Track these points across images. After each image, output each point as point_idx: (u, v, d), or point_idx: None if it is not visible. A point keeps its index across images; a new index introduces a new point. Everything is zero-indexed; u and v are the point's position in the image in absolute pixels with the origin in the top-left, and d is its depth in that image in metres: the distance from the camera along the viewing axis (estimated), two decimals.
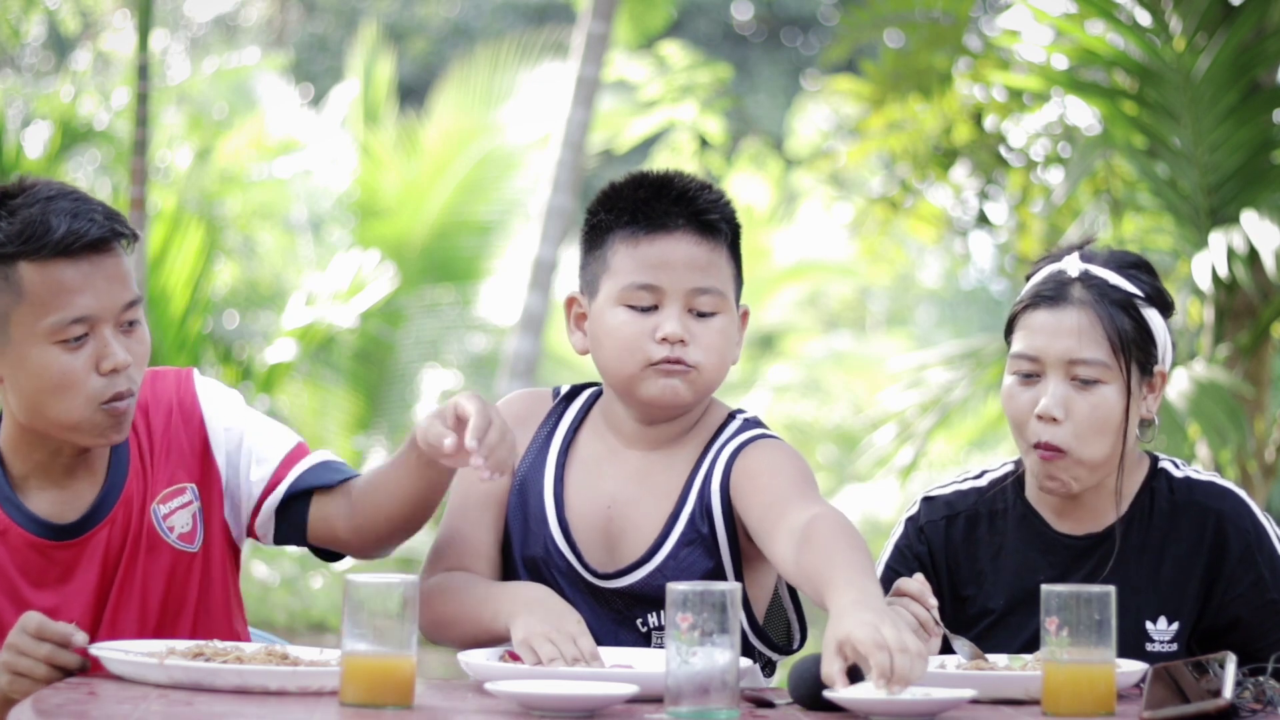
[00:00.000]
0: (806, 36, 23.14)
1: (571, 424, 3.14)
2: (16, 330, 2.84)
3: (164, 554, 2.97)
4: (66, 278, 2.83)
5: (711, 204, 3.04)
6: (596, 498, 3.07)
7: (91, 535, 2.94)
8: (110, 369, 2.85)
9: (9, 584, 2.91)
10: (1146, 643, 3.02)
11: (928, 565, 3.13)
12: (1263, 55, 6.31)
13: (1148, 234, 7.23)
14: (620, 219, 3.03)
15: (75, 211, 2.84)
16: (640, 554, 3.03)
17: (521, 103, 13.52)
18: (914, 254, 16.12)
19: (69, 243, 2.82)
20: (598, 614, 3.03)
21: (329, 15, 22.43)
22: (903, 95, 7.53)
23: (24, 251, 2.82)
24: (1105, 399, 3.00)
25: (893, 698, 2.47)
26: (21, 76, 15.80)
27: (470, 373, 13.48)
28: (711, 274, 3.02)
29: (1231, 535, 3.03)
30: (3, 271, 2.84)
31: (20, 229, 2.83)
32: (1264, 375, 6.52)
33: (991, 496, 3.15)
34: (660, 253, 3.00)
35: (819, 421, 16.17)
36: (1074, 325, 3.00)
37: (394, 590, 2.50)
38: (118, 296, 2.86)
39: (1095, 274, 3.03)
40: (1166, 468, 3.12)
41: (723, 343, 3.04)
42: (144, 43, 7.25)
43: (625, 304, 3.01)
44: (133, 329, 2.91)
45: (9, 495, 2.92)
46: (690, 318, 3.01)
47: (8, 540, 2.91)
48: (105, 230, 2.85)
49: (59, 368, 2.84)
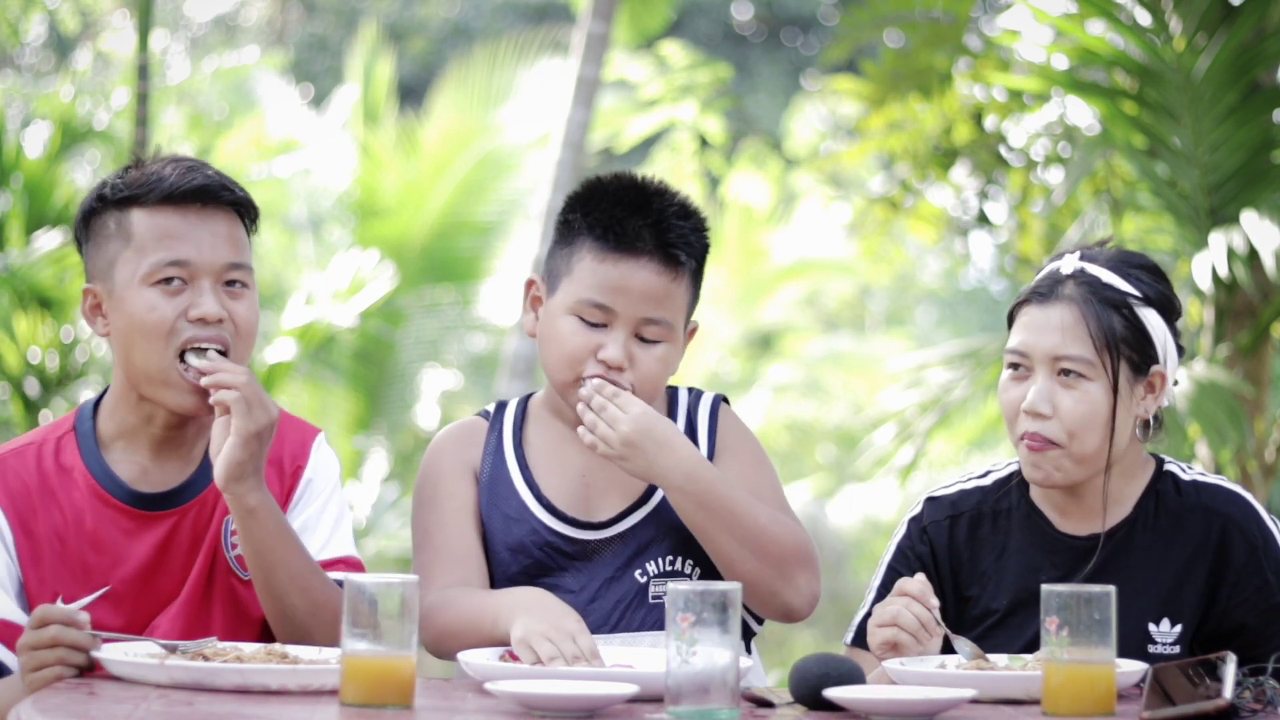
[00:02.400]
0: (806, 36, 23.12)
1: (514, 424, 3.21)
2: (120, 273, 2.95)
3: (220, 567, 3.01)
4: (171, 224, 2.95)
5: (681, 236, 3.08)
6: (567, 472, 3.14)
7: (163, 515, 2.99)
8: (198, 317, 2.92)
9: (72, 529, 2.95)
10: (1148, 644, 3.02)
11: (930, 565, 3.14)
12: (1263, 55, 6.31)
13: (1148, 234, 7.22)
14: (593, 228, 3.09)
15: (191, 166, 2.99)
16: (631, 502, 3.09)
17: (521, 102, 13.50)
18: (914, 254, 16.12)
19: (177, 190, 2.95)
20: (592, 576, 3.07)
21: (329, 15, 22.42)
22: (903, 95, 7.52)
23: (136, 196, 2.96)
24: (1089, 395, 3.00)
25: (893, 698, 2.47)
26: (21, 76, 15.80)
27: (470, 373, 13.47)
28: (666, 305, 3.08)
29: (1237, 540, 3.03)
30: (116, 218, 2.97)
31: (136, 177, 2.98)
32: (1264, 375, 6.52)
33: (996, 497, 3.15)
34: (621, 276, 3.06)
35: (819, 421, 16.16)
36: (1060, 322, 3.02)
37: (394, 590, 2.50)
38: (220, 253, 2.96)
39: (1089, 272, 3.05)
40: (1173, 470, 3.11)
41: (660, 369, 3.10)
42: (144, 43, 7.25)
43: (577, 314, 3.07)
44: (237, 291, 2.98)
45: (92, 448, 2.99)
46: (635, 342, 3.07)
47: (77, 487, 2.96)
48: (214, 183, 2.97)
49: (149, 307, 2.92)
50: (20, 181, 9.89)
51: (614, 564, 3.09)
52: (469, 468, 3.17)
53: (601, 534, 3.10)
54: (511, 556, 3.10)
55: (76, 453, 2.99)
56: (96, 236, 3.00)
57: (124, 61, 12.53)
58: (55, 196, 10.00)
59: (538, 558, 3.09)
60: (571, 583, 3.09)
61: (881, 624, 2.87)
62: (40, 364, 9.30)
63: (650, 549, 3.09)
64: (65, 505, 2.96)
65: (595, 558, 3.10)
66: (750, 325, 16.23)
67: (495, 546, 3.11)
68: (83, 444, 3.00)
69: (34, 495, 2.96)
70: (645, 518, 3.10)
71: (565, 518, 3.10)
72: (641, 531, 3.10)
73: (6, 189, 9.87)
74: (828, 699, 2.54)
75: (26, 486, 2.96)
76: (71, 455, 2.99)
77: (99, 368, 9.33)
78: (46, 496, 2.96)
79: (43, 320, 9.33)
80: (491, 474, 3.16)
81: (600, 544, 3.10)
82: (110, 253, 2.97)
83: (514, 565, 3.10)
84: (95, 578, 2.94)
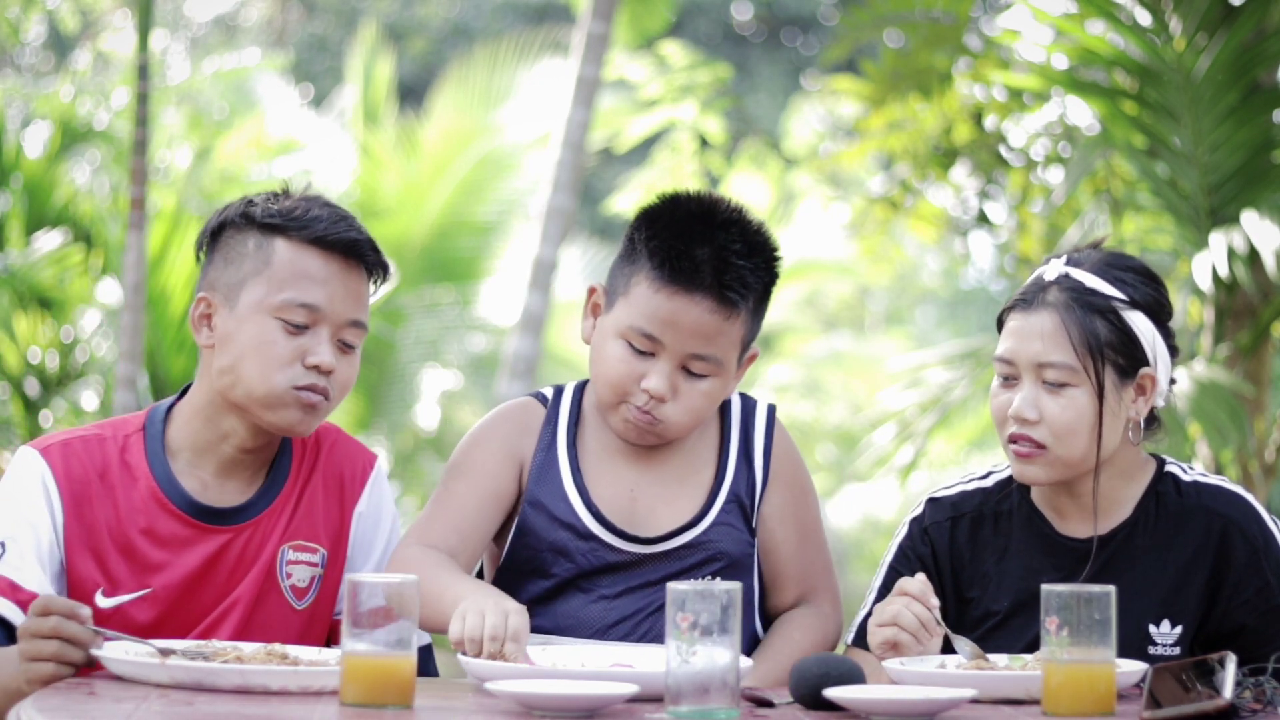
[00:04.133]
0: (806, 36, 23.12)
1: (569, 422, 3.17)
2: (247, 295, 2.97)
3: (271, 592, 3.02)
4: (313, 266, 2.98)
5: (739, 277, 3.04)
6: (617, 483, 3.12)
7: (216, 530, 3.00)
8: (314, 365, 2.96)
9: (125, 527, 2.97)
10: (1149, 645, 3.02)
11: (930, 566, 3.14)
12: (1263, 55, 6.31)
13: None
14: (653, 255, 3.03)
15: (341, 217, 3.03)
16: (681, 523, 3.10)
17: (521, 103, 13.50)
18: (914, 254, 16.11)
19: (328, 236, 2.99)
20: (629, 585, 3.07)
21: (329, 15, 22.42)
22: (903, 95, 7.53)
23: (286, 227, 2.99)
24: (1074, 401, 3.01)
25: (893, 698, 2.47)
26: (21, 76, 15.79)
27: (470, 373, 13.47)
28: (716, 343, 3.05)
29: (1238, 541, 3.03)
30: (259, 240, 2.99)
31: (291, 208, 3.01)
32: (1264, 375, 6.52)
33: (998, 498, 3.16)
34: (673, 311, 3.02)
35: (819, 421, 16.16)
36: (1041, 329, 3.02)
37: (394, 590, 2.50)
38: (350, 309, 3.00)
39: (1073, 277, 3.05)
40: (1174, 471, 3.11)
41: (704, 404, 3.08)
42: (144, 43, 7.24)
43: (626, 339, 3.04)
44: (348, 350, 3.02)
45: (158, 452, 3.01)
46: (680, 375, 3.05)
47: (137, 487, 2.98)
48: (362, 239, 3.03)
49: (271, 341, 2.95)
50: (20, 181, 9.89)
51: (653, 577, 3.08)
52: (516, 459, 3.14)
53: (647, 549, 3.09)
54: (552, 558, 3.09)
55: (143, 453, 3.01)
56: (230, 252, 3.01)
57: (124, 61, 12.53)
58: (55, 196, 10.01)
59: (579, 564, 3.08)
60: (607, 588, 3.09)
61: (881, 623, 2.88)
62: (40, 364, 9.30)
63: (694, 570, 3.09)
64: (122, 502, 2.97)
65: (636, 570, 3.09)
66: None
67: (537, 545, 3.10)
68: (149, 446, 3.01)
69: (94, 485, 2.97)
70: (693, 540, 3.10)
71: (613, 528, 3.09)
72: (687, 553, 3.09)
73: (6, 189, 9.87)
74: (828, 699, 2.54)
75: (88, 475, 2.97)
76: (137, 455, 3.01)
77: (99, 368, 9.33)
78: (106, 490, 2.97)
79: (43, 320, 9.34)
80: (541, 469, 3.13)
81: (645, 559, 3.08)
82: (243, 272, 2.98)
83: (553, 565, 3.09)
84: (138, 579, 2.96)
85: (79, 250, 9.50)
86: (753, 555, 3.15)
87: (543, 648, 2.89)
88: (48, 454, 2.97)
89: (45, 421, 9.11)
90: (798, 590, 3.18)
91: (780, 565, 3.17)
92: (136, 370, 7.16)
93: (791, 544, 3.17)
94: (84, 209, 10.03)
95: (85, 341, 9.36)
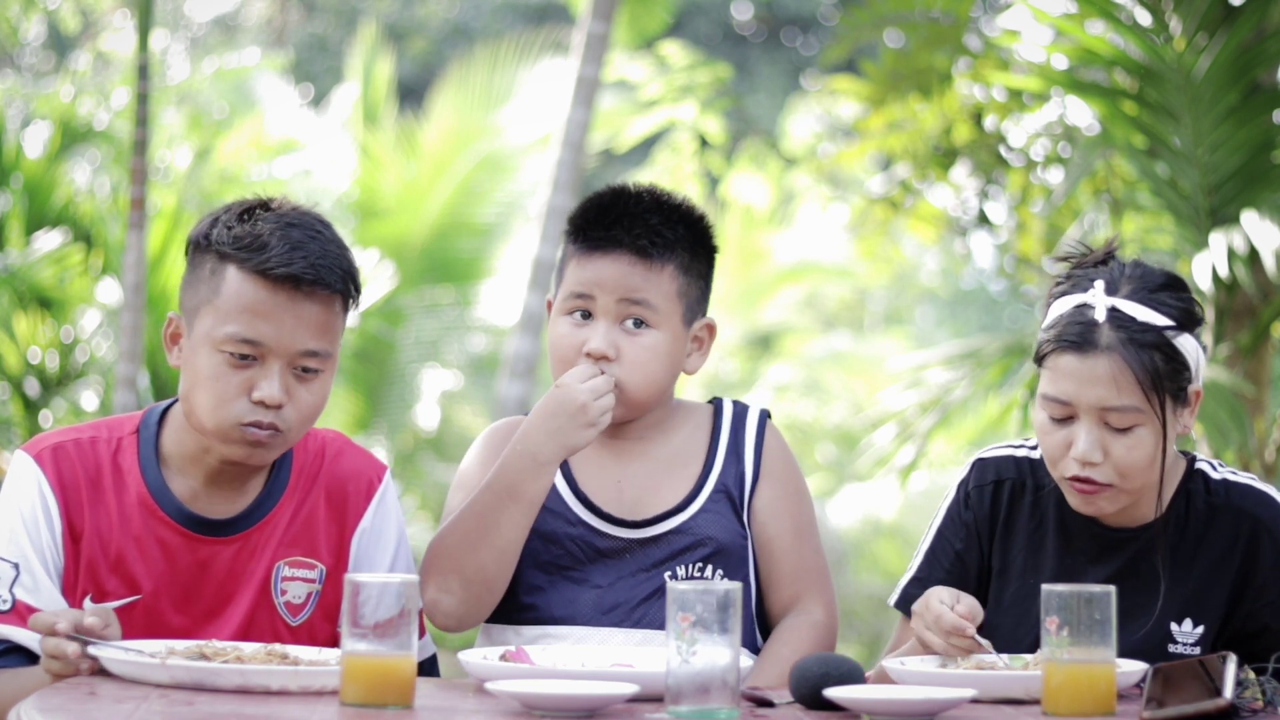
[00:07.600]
0: (806, 36, 23.12)
1: None
2: (200, 324, 2.91)
3: (264, 607, 2.99)
4: (258, 299, 2.88)
5: (652, 228, 3.11)
6: (604, 474, 3.17)
7: (206, 540, 2.98)
8: (259, 400, 2.88)
9: (115, 531, 2.95)
10: (1169, 644, 3.00)
11: (974, 532, 3.14)
12: (1263, 55, 6.31)
13: (1148, 234, 7.22)
14: (574, 236, 3.16)
15: (299, 244, 2.89)
16: (668, 508, 3.13)
17: (521, 103, 13.50)
18: (913, 254, 16.11)
19: (273, 268, 2.86)
20: (620, 573, 3.10)
21: (329, 15, 22.41)
22: (902, 95, 7.52)
23: (235, 257, 2.88)
24: (1141, 440, 2.96)
25: (893, 698, 2.48)
26: (21, 76, 15.79)
27: (470, 373, 13.47)
28: (645, 290, 3.10)
29: (1266, 542, 3.00)
30: (214, 266, 2.90)
31: (241, 235, 2.90)
32: (1264, 375, 6.51)
33: (1042, 471, 3.12)
34: (596, 270, 3.11)
35: (819, 421, 16.15)
36: (1105, 373, 2.93)
37: (394, 590, 2.50)
38: (299, 340, 2.89)
39: (1123, 313, 2.95)
40: (1203, 468, 3.09)
41: (649, 357, 3.11)
42: (144, 43, 7.24)
43: (566, 313, 3.13)
44: (308, 377, 2.92)
45: (151, 458, 2.97)
46: (619, 331, 3.10)
47: (128, 491, 2.95)
48: (311, 274, 2.88)
49: (215, 375, 2.88)
50: (20, 181, 9.89)
51: (644, 564, 3.11)
52: None
53: (635, 534, 3.12)
54: (543, 545, 3.12)
55: (135, 458, 2.98)
56: (193, 274, 2.95)
57: (124, 61, 12.53)
58: (55, 196, 10.01)
59: (569, 549, 3.12)
60: (599, 578, 3.11)
61: (926, 624, 2.89)
62: (40, 364, 9.30)
63: (682, 555, 3.11)
64: (113, 506, 2.95)
65: (626, 556, 3.12)
66: (750, 326, 16.23)
67: (529, 535, 3.12)
68: (143, 450, 2.98)
69: (84, 489, 2.95)
70: (681, 525, 3.12)
71: (601, 513, 3.13)
72: (675, 538, 3.12)
73: (6, 189, 9.87)
74: (828, 699, 2.54)
75: (79, 478, 2.95)
76: (130, 459, 2.98)
77: (99, 368, 9.33)
78: (97, 493, 2.95)
79: (43, 320, 9.34)
80: None
81: (633, 544, 3.12)
82: (198, 298, 2.92)
83: (544, 553, 3.12)
84: (128, 584, 2.94)
85: (79, 250, 9.50)
86: (746, 547, 3.16)
87: (543, 648, 2.90)
88: (40, 459, 2.95)
89: (45, 421, 9.11)
90: (792, 589, 3.18)
91: (774, 560, 3.17)
92: (136, 370, 7.16)
93: (785, 538, 3.18)
94: (84, 209, 10.03)
95: (85, 341, 9.36)
